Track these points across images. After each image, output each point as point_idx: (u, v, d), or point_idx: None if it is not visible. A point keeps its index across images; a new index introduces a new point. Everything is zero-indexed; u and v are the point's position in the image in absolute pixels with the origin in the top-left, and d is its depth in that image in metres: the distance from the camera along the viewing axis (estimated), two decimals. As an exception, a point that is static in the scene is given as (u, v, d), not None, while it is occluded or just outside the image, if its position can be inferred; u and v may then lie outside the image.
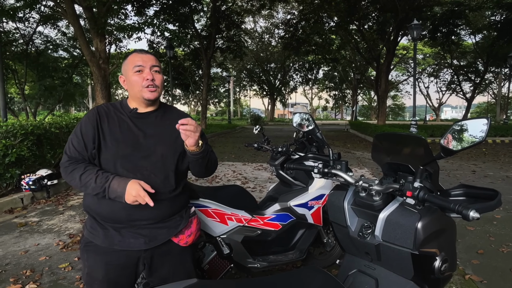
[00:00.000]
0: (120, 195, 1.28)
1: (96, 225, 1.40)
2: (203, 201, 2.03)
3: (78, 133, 1.38)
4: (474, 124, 1.01)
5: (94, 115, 1.39)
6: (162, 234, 1.43)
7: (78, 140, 1.37)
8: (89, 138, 1.37)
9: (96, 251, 1.39)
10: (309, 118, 1.59)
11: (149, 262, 1.44)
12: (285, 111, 55.06)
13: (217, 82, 36.23)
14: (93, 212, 1.40)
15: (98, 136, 1.37)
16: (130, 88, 1.42)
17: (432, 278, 1.10)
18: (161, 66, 1.49)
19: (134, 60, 1.40)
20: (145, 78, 1.38)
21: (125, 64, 1.43)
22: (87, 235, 1.41)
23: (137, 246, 1.38)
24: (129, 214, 1.35)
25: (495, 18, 20.96)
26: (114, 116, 1.42)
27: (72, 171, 1.33)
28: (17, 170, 4.73)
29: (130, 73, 1.40)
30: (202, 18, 21.46)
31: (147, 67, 1.40)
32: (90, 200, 1.39)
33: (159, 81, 1.43)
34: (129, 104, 1.46)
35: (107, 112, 1.42)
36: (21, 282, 2.55)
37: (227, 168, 7.43)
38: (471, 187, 1.15)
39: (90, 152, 1.37)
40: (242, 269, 2.21)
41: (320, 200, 2.33)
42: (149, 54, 1.43)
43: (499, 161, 8.39)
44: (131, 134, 1.40)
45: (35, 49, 16.38)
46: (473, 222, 3.82)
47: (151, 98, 1.40)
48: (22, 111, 21.35)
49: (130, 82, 1.41)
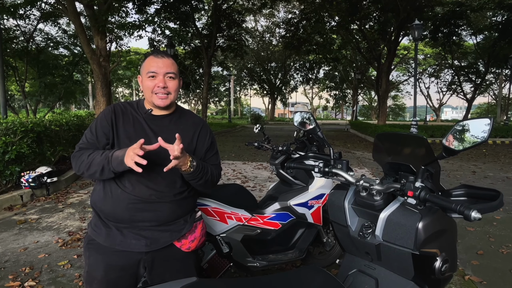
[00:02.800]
0: (121, 159, 1.25)
1: (100, 223, 1.40)
2: (203, 200, 2.03)
3: (93, 128, 1.41)
4: (477, 124, 1.00)
5: (110, 112, 1.41)
6: (164, 238, 1.40)
7: (91, 134, 1.40)
8: (101, 133, 1.39)
9: (97, 250, 1.38)
10: (310, 117, 1.58)
11: (150, 266, 1.41)
12: (285, 110, 55.08)
13: (218, 81, 36.25)
14: (98, 209, 1.41)
15: (112, 132, 1.39)
16: (144, 91, 1.43)
17: (432, 279, 1.10)
18: (178, 69, 1.46)
19: (149, 65, 1.40)
20: (157, 85, 1.37)
21: (142, 67, 1.44)
22: (91, 233, 1.41)
23: (138, 248, 1.36)
24: (131, 215, 1.35)
25: (496, 19, 20.95)
26: (129, 115, 1.43)
27: (81, 155, 1.36)
28: (16, 167, 4.72)
29: (145, 77, 1.40)
30: (203, 16, 21.44)
31: (160, 74, 1.38)
32: (97, 195, 1.41)
33: (173, 87, 1.40)
34: (146, 105, 1.46)
35: (123, 110, 1.44)
36: (20, 279, 2.55)
37: (227, 167, 7.43)
38: (472, 187, 1.14)
39: (102, 147, 1.39)
40: (242, 268, 2.21)
41: (320, 199, 2.33)
42: (165, 58, 1.40)
43: (499, 162, 8.38)
44: (143, 135, 1.38)
45: (36, 46, 16.36)
46: (473, 223, 3.81)
47: (160, 105, 1.40)
48: (22, 109, 21.33)
49: (143, 86, 1.42)
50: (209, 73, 18.55)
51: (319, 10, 18.96)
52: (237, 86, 43.83)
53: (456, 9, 17.48)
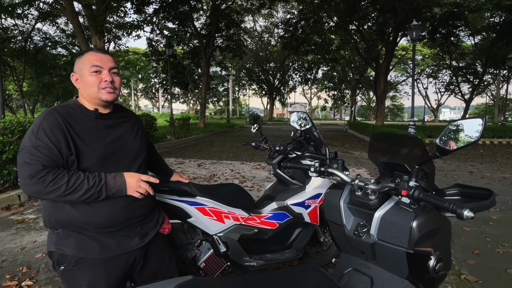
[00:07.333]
0: (120, 188, 1.27)
1: (84, 239, 1.30)
2: (200, 199, 2.03)
3: (44, 140, 1.21)
4: (470, 124, 1.01)
5: (58, 118, 1.25)
6: (151, 228, 1.48)
7: (47, 148, 1.20)
8: (60, 144, 1.23)
9: (93, 266, 1.30)
10: (307, 117, 1.59)
11: (143, 259, 1.45)
12: (284, 110, 55.05)
13: (216, 81, 36.23)
14: (81, 224, 1.29)
15: (73, 140, 1.25)
16: (85, 88, 1.34)
17: (426, 277, 1.11)
18: (119, 67, 1.48)
19: (91, 59, 1.33)
20: (103, 79, 1.33)
21: (81, 63, 1.34)
22: (76, 253, 1.28)
23: (134, 246, 1.39)
24: (126, 214, 1.36)
25: (494, 19, 21.03)
26: (80, 118, 1.32)
27: (54, 179, 1.18)
28: (14, 167, 4.72)
29: (87, 72, 1.32)
30: (201, 16, 21.43)
31: (105, 68, 1.34)
32: (74, 212, 1.27)
33: (118, 83, 1.38)
34: (83, 104, 1.37)
35: (70, 114, 1.30)
36: (17, 279, 2.55)
37: (225, 167, 7.43)
38: (466, 186, 1.16)
39: (66, 159, 1.24)
40: (239, 267, 2.21)
41: (317, 199, 2.34)
42: (107, 55, 1.38)
43: (496, 162, 8.41)
44: (106, 135, 1.36)
45: (34, 46, 16.34)
46: (470, 222, 3.83)
47: (109, 100, 1.35)
48: (20, 108, 21.26)
49: (86, 82, 1.33)
50: (207, 73, 18.53)
51: (318, 11, 18.98)
52: (235, 86, 43.81)
53: (454, 10, 17.55)
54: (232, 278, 1.50)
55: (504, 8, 17.47)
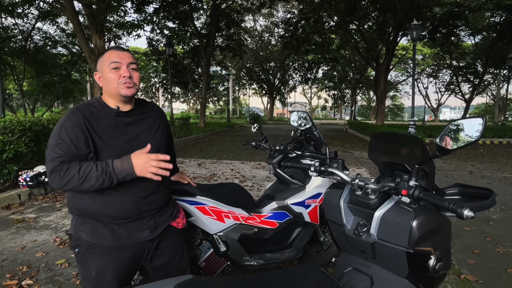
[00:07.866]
0: (129, 171, 1.26)
1: (98, 226, 1.37)
2: (200, 199, 2.03)
3: (65, 139, 1.29)
4: (470, 123, 1.01)
5: (79, 118, 1.31)
6: (163, 222, 1.50)
7: (67, 146, 1.28)
8: (80, 143, 1.29)
9: (104, 252, 1.36)
10: (307, 116, 1.59)
11: (153, 251, 1.48)
12: (284, 110, 55.05)
13: (217, 80, 36.17)
14: (95, 214, 1.36)
15: (92, 139, 1.31)
16: (106, 85, 1.39)
17: (426, 277, 1.11)
18: (138, 63, 1.48)
19: (110, 57, 1.38)
20: (122, 75, 1.36)
21: (101, 61, 1.39)
22: (89, 238, 1.36)
23: (144, 237, 1.42)
24: (139, 207, 1.39)
25: (494, 19, 21.00)
26: (101, 116, 1.37)
27: (68, 169, 1.25)
28: (14, 166, 4.72)
29: (107, 69, 1.37)
30: (202, 16, 21.40)
31: (124, 64, 1.37)
32: (90, 202, 1.35)
33: (137, 78, 1.41)
34: (106, 102, 1.41)
35: (92, 113, 1.36)
36: (17, 278, 2.55)
37: (225, 166, 7.43)
38: (466, 186, 1.15)
39: (85, 157, 1.31)
40: (239, 267, 2.21)
41: (317, 198, 2.34)
42: (126, 51, 1.42)
43: (497, 162, 8.41)
44: (125, 132, 1.40)
45: (34, 45, 16.33)
46: (470, 222, 3.83)
47: (128, 95, 1.38)
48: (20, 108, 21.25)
49: (106, 79, 1.38)
50: (207, 73, 18.52)
51: (318, 10, 18.95)
52: (236, 85, 43.79)
53: (454, 9, 17.51)
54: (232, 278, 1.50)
55: (505, 8, 17.47)
